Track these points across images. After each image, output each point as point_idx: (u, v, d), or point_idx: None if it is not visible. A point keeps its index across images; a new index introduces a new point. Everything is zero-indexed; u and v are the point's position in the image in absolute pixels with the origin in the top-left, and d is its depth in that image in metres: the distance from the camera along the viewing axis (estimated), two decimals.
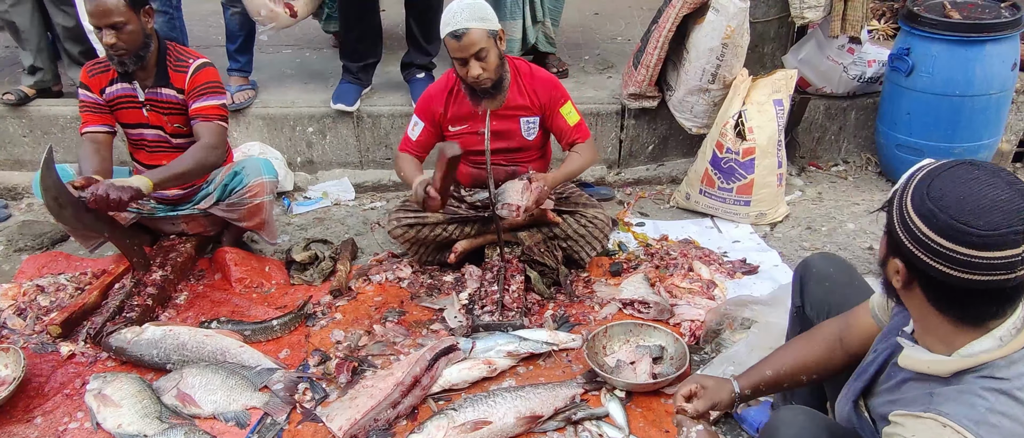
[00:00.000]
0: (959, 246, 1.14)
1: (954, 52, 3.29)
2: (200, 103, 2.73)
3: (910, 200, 1.21)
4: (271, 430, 2.20)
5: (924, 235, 1.18)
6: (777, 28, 3.73)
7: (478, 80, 2.62)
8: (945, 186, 1.18)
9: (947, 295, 1.21)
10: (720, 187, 3.38)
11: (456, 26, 2.52)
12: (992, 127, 3.49)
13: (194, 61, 2.75)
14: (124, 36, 2.56)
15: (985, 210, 1.13)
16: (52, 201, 2.47)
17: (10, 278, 3.02)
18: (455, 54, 2.58)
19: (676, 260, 3.03)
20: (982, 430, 1.15)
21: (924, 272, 1.20)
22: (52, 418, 2.27)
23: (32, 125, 3.79)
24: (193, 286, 2.93)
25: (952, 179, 1.18)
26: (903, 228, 1.22)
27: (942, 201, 1.16)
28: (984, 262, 1.13)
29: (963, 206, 1.14)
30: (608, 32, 4.81)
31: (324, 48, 4.58)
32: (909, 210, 1.21)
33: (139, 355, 2.44)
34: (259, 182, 2.83)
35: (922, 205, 1.19)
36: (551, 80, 2.83)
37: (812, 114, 3.86)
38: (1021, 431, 1.16)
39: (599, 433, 2.15)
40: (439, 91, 2.84)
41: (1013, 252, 1.12)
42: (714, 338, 2.48)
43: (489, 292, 2.70)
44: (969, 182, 1.17)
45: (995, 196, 1.14)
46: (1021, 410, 1.17)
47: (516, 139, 2.86)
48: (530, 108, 2.81)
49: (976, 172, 1.18)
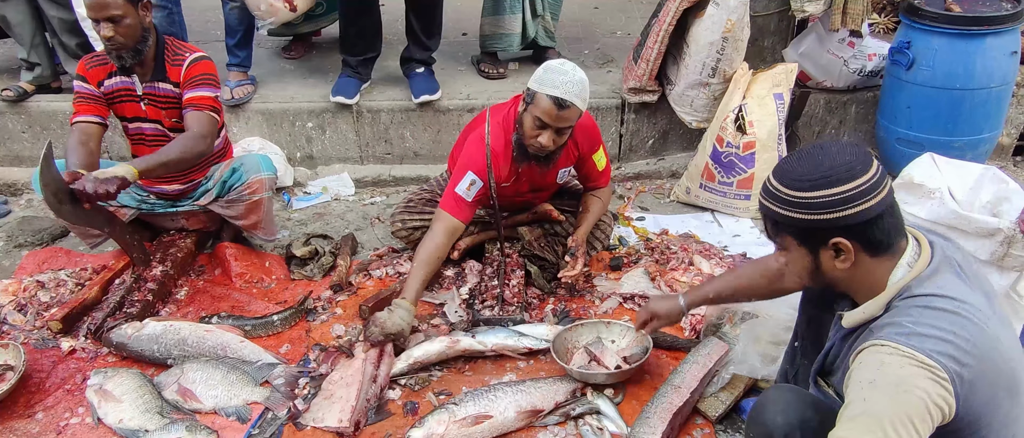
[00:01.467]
0: (842, 186, 1.39)
1: (954, 45, 3.28)
2: (192, 93, 2.70)
3: (796, 190, 1.43)
4: (272, 425, 2.21)
5: (832, 196, 1.40)
6: (777, 22, 3.72)
7: (542, 149, 2.47)
8: (803, 163, 1.44)
9: (870, 232, 1.42)
10: (720, 181, 3.38)
11: (565, 96, 2.35)
12: (993, 120, 3.48)
13: (191, 54, 2.74)
14: (122, 29, 2.55)
15: (834, 155, 1.42)
16: (52, 197, 2.46)
17: (10, 274, 3.02)
18: (543, 117, 2.39)
19: (676, 254, 3.03)
20: (913, 341, 1.33)
21: (853, 227, 1.41)
22: (53, 413, 2.27)
23: (31, 121, 3.79)
24: (193, 281, 2.93)
25: (798, 158, 1.47)
26: (816, 210, 1.41)
27: (814, 171, 1.42)
28: (868, 184, 1.40)
29: (822, 165, 1.42)
30: (608, 26, 4.80)
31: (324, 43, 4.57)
32: (805, 196, 1.42)
33: (140, 350, 2.45)
34: (258, 179, 2.82)
35: (807, 182, 1.42)
36: (593, 127, 2.74)
37: (812, 108, 3.85)
38: (943, 332, 1.33)
39: (599, 426, 2.16)
40: (505, 146, 2.60)
41: (871, 172, 1.40)
42: (714, 332, 2.48)
43: (489, 287, 2.70)
44: (805, 153, 1.46)
45: (830, 149, 1.44)
46: (936, 316, 1.36)
47: (551, 184, 2.86)
48: (570, 159, 2.73)
49: (801, 150, 1.49)
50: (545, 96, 2.37)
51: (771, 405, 1.59)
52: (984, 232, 2.32)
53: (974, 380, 1.32)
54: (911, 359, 1.31)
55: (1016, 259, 2.31)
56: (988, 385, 1.34)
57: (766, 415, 1.59)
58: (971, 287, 1.44)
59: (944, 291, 1.40)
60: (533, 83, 2.43)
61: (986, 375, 1.34)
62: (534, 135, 2.44)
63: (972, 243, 2.36)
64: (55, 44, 3.76)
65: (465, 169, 2.59)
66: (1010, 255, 2.31)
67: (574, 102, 2.38)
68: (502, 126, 2.61)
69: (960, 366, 1.31)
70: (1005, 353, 1.38)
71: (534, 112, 2.41)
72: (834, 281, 1.51)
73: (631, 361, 2.35)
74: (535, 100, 2.41)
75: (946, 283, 1.41)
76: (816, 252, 1.47)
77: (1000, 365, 1.36)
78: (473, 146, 2.63)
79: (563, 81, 2.37)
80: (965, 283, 1.44)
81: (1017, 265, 2.33)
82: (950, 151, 3.12)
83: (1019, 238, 2.27)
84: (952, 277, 1.43)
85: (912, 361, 1.31)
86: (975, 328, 1.35)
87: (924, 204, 2.45)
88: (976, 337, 1.34)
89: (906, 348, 1.32)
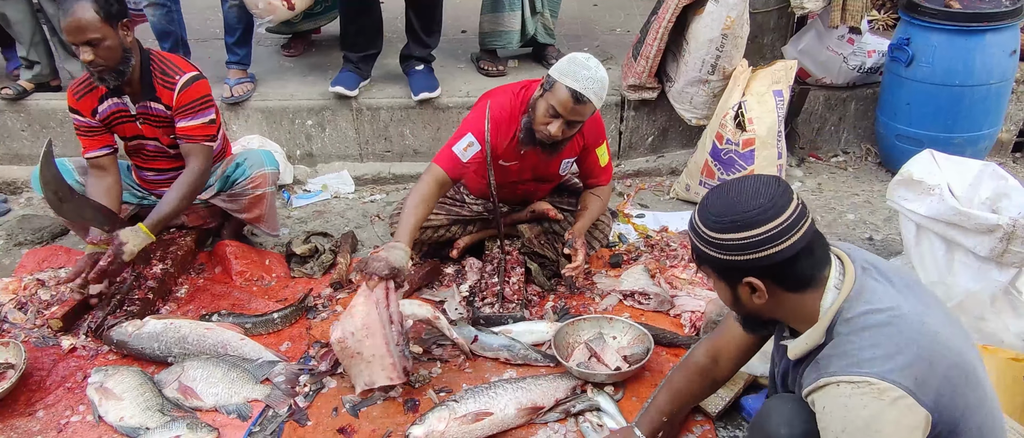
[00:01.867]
0: (752, 230, 1.40)
1: (954, 42, 3.29)
2: (185, 122, 2.63)
3: (710, 230, 1.45)
4: (273, 422, 2.21)
5: (740, 240, 1.41)
6: (777, 18, 3.72)
7: (550, 137, 2.46)
8: (717, 202, 1.46)
9: (786, 272, 1.44)
10: (720, 178, 3.38)
11: (583, 91, 2.35)
12: (992, 117, 3.49)
13: (181, 76, 2.61)
14: (102, 52, 2.43)
15: (750, 197, 1.42)
16: (52, 195, 2.46)
17: (10, 272, 3.02)
18: (558, 107, 2.38)
19: (676, 251, 3.03)
20: (863, 367, 1.35)
21: (766, 268, 1.42)
22: (54, 411, 2.27)
23: (30, 119, 3.78)
24: (193, 279, 2.93)
25: (716, 196, 1.47)
26: (728, 252, 1.43)
27: (728, 212, 1.43)
28: (780, 228, 1.40)
29: (735, 207, 1.42)
30: (607, 23, 4.80)
31: (323, 41, 4.57)
32: (717, 237, 1.44)
33: (140, 348, 2.45)
34: (261, 173, 2.82)
35: (720, 223, 1.43)
36: (599, 122, 2.73)
37: (812, 105, 3.85)
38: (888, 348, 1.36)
39: (599, 423, 2.16)
40: (509, 118, 2.59)
41: (786, 215, 1.40)
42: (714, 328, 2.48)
43: (489, 284, 2.70)
44: (727, 190, 1.46)
45: (746, 189, 1.44)
46: (876, 333, 1.39)
47: (552, 175, 2.83)
48: (573, 151, 2.71)
49: (725, 185, 1.49)
50: (564, 87, 2.37)
51: (775, 416, 1.59)
52: (983, 228, 2.32)
53: (933, 382, 1.34)
54: (870, 391, 1.33)
55: (1015, 255, 2.32)
56: (944, 379, 1.36)
57: (770, 426, 1.59)
58: (896, 287, 1.47)
59: (875, 304, 1.42)
60: (555, 72, 2.43)
61: (940, 372, 1.36)
62: (545, 122, 2.44)
63: (971, 239, 2.36)
64: (54, 42, 3.76)
65: (466, 130, 2.55)
66: (1009, 251, 2.32)
67: (591, 98, 2.38)
68: (512, 102, 2.60)
69: (916, 375, 1.33)
70: (948, 342, 1.40)
71: (550, 100, 2.40)
72: (757, 312, 1.54)
73: (631, 360, 2.35)
74: (553, 88, 2.40)
75: (874, 295, 1.44)
76: (734, 287, 1.50)
77: (949, 356, 1.38)
78: (477, 112, 2.61)
79: (585, 76, 2.37)
80: (890, 285, 1.47)
81: (1016, 261, 2.33)
82: (949, 147, 3.12)
83: (1019, 234, 2.27)
84: (876, 285, 1.46)
85: (871, 393, 1.33)
86: (914, 331, 1.38)
87: (923, 201, 2.45)
88: (919, 339, 1.37)
89: (859, 378, 1.34)
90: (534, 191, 2.90)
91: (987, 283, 2.37)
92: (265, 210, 2.92)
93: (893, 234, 3.20)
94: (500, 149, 2.61)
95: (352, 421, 2.19)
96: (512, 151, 2.64)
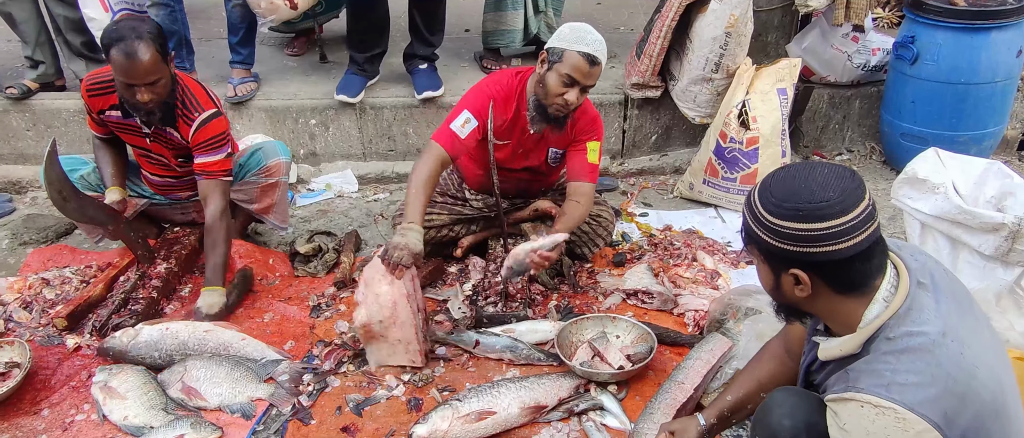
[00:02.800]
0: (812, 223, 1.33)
1: (959, 40, 3.27)
2: (202, 159, 2.62)
3: (768, 213, 1.38)
4: (276, 421, 2.21)
5: (798, 231, 1.34)
6: (781, 16, 3.71)
7: (565, 107, 2.46)
8: (783, 186, 1.37)
9: (837, 273, 1.38)
10: (724, 177, 3.37)
11: (594, 52, 2.39)
12: (997, 115, 3.48)
13: (199, 114, 2.59)
14: (157, 89, 2.44)
15: (819, 187, 1.34)
16: (56, 194, 2.47)
17: (15, 271, 3.03)
18: (572, 73, 2.39)
19: (680, 250, 3.03)
20: (893, 392, 1.30)
21: (818, 264, 1.36)
22: (59, 410, 2.28)
23: (35, 119, 3.79)
24: (198, 278, 2.93)
25: (783, 178, 1.39)
26: (782, 239, 1.37)
27: (791, 199, 1.35)
28: (844, 227, 1.32)
29: (799, 194, 1.34)
30: (610, 22, 4.79)
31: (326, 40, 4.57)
32: (775, 222, 1.37)
33: (140, 357, 2.40)
34: (276, 162, 2.89)
35: (780, 209, 1.36)
36: (595, 117, 2.72)
37: (816, 103, 3.84)
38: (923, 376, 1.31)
39: (602, 422, 2.16)
40: (506, 97, 2.60)
41: (854, 214, 1.32)
42: (718, 328, 2.48)
43: (493, 283, 2.70)
44: (795, 175, 1.38)
45: (817, 178, 1.36)
46: (914, 359, 1.33)
47: (540, 162, 2.82)
48: (565, 140, 2.71)
49: (794, 168, 1.40)
50: (576, 53, 2.38)
51: (777, 408, 1.57)
52: (988, 227, 2.31)
53: (962, 420, 1.31)
54: (895, 419, 1.29)
55: (1021, 254, 2.31)
56: (974, 417, 1.32)
57: (772, 418, 1.57)
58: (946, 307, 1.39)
59: (921, 327, 1.35)
60: (558, 42, 2.43)
61: (971, 409, 1.31)
62: (560, 93, 2.43)
63: (976, 238, 2.35)
64: (59, 42, 3.77)
65: (462, 108, 2.57)
66: (1014, 250, 2.31)
67: (602, 59, 2.42)
68: (510, 83, 2.61)
69: (945, 410, 1.29)
70: (984, 380, 1.34)
71: (562, 69, 2.41)
72: (796, 303, 1.48)
73: (635, 359, 2.35)
74: (563, 58, 2.40)
75: (920, 316, 1.37)
76: (777, 274, 1.44)
77: (983, 394, 1.33)
78: (474, 92, 2.64)
79: (592, 39, 2.41)
80: (940, 304, 1.39)
81: (1022, 260, 2.32)
82: (954, 146, 3.11)
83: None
84: (926, 304, 1.38)
85: (895, 422, 1.29)
86: (953, 364, 1.32)
87: (928, 199, 2.44)
88: (956, 374, 1.31)
89: (888, 403, 1.30)
90: (529, 182, 2.90)
91: (992, 282, 2.36)
92: (276, 199, 2.96)
93: (897, 233, 3.19)
94: (497, 129, 2.62)
95: (356, 420, 2.20)
96: (505, 130, 2.65)
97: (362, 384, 2.34)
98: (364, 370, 2.39)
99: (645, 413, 2.10)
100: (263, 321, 2.67)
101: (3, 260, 3.16)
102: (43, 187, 2.54)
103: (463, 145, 2.56)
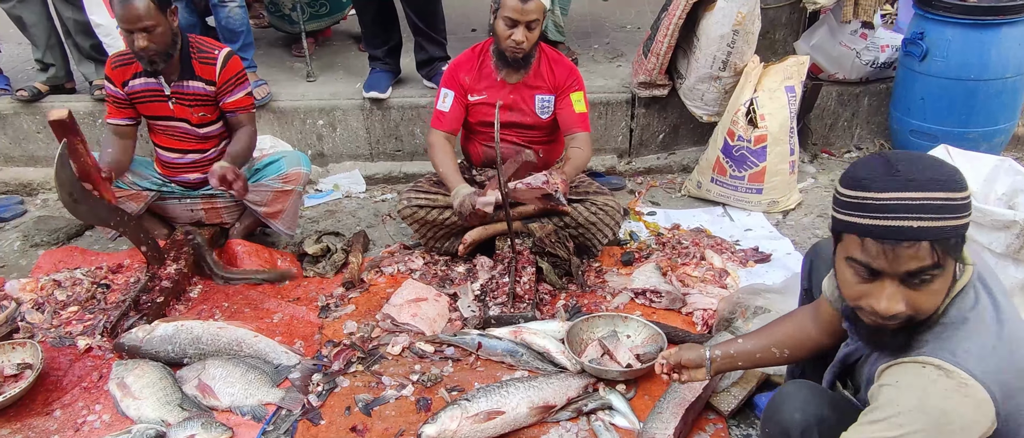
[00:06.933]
0: (965, 191, 1.29)
1: (969, 36, 3.25)
2: (230, 98, 2.87)
3: (945, 191, 1.29)
4: (286, 421, 2.22)
5: (951, 201, 1.28)
6: (789, 14, 3.70)
7: (517, 47, 2.73)
8: (904, 167, 1.31)
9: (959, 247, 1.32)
10: (732, 175, 3.36)
11: None
12: (1008, 111, 3.45)
13: (219, 52, 2.83)
14: (155, 38, 2.63)
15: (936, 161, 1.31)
16: (67, 196, 2.49)
17: (27, 273, 3.06)
18: (511, 14, 2.67)
19: (688, 249, 3.02)
20: (958, 357, 1.30)
21: None
22: (71, 411, 2.29)
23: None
24: (207, 280, 2.95)
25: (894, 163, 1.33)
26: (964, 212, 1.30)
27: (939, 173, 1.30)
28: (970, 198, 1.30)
29: (942, 167, 1.31)
30: (618, 20, 4.78)
31: (334, 41, 4.58)
32: (951, 197, 1.29)
33: (154, 352, 2.44)
34: (296, 172, 2.98)
35: (946, 184, 1.29)
36: (571, 67, 2.93)
37: (824, 100, 3.83)
38: (986, 351, 1.31)
39: (611, 422, 2.16)
40: (466, 59, 2.93)
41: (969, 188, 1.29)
42: (727, 327, 2.48)
43: (500, 283, 2.70)
44: (896, 158, 1.34)
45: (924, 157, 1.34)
46: (981, 332, 1.33)
47: (529, 116, 2.93)
48: (546, 87, 2.90)
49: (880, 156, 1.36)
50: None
51: (788, 402, 1.56)
52: (999, 225, 2.30)
53: (1012, 399, 1.31)
54: (957, 384, 1.28)
55: None
56: (1019, 391, 1.32)
57: (783, 412, 1.56)
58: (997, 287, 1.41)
59: (985, 306, 1.36)
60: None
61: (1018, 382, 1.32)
62: (508, 35, 2.71)
63: (987, 236, 2.34)
64: (69, 45, 3.80)
65: (439, 88, 2.95)
66: None
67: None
68: (471, 51, 2.94)
69: (1003, 383, 1.29)
70: None
71: (503, 13, 2.69)
72: None
73: (644, 358, 2.34)
74: (501, 4, 2.69)
75: (982, 297, 1.38)
76: (953, 262, 1.34)
77: None
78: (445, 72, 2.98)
79: None
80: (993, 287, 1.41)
81: None
82: (965, 143, 3.09)
83: None
84: (987, 283, 1.41)
85: (958, 388, 1.28)
86: (1016, 341, 1.33)
87: None
88: (1018, 352, 1.33)
89: (952, 366, 1.29)
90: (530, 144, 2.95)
91: (1004, 279, 2.34)
92: (287, 206, 3.01)
93: None
94: (468, 86, 2.91)
95: (365, 420, 2.20)
96: (478, 85, 2.91)
97: (371, 384, 2.35)
98: (373, 370, 2.40)
99: (654, 413, 2.09)
100: (272, 322, 2.68)
101: (15, 262, 3.19)
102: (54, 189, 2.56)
103: (451, 117, 2.91)
